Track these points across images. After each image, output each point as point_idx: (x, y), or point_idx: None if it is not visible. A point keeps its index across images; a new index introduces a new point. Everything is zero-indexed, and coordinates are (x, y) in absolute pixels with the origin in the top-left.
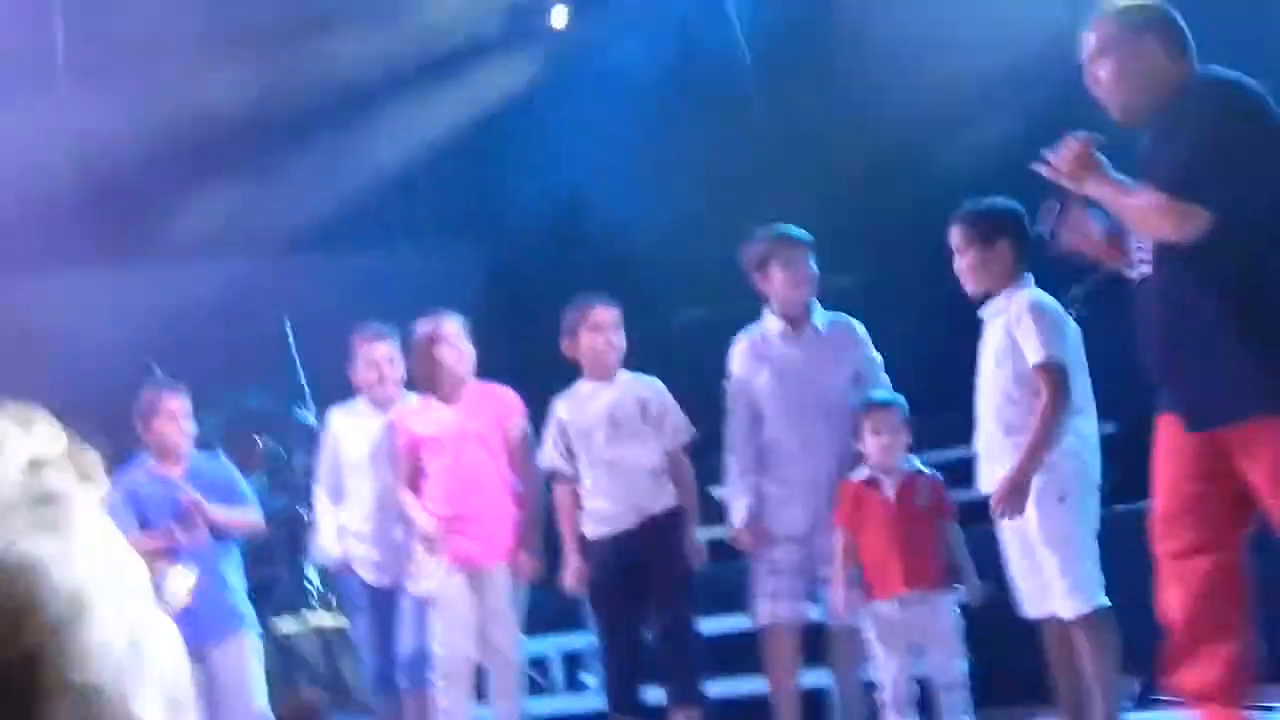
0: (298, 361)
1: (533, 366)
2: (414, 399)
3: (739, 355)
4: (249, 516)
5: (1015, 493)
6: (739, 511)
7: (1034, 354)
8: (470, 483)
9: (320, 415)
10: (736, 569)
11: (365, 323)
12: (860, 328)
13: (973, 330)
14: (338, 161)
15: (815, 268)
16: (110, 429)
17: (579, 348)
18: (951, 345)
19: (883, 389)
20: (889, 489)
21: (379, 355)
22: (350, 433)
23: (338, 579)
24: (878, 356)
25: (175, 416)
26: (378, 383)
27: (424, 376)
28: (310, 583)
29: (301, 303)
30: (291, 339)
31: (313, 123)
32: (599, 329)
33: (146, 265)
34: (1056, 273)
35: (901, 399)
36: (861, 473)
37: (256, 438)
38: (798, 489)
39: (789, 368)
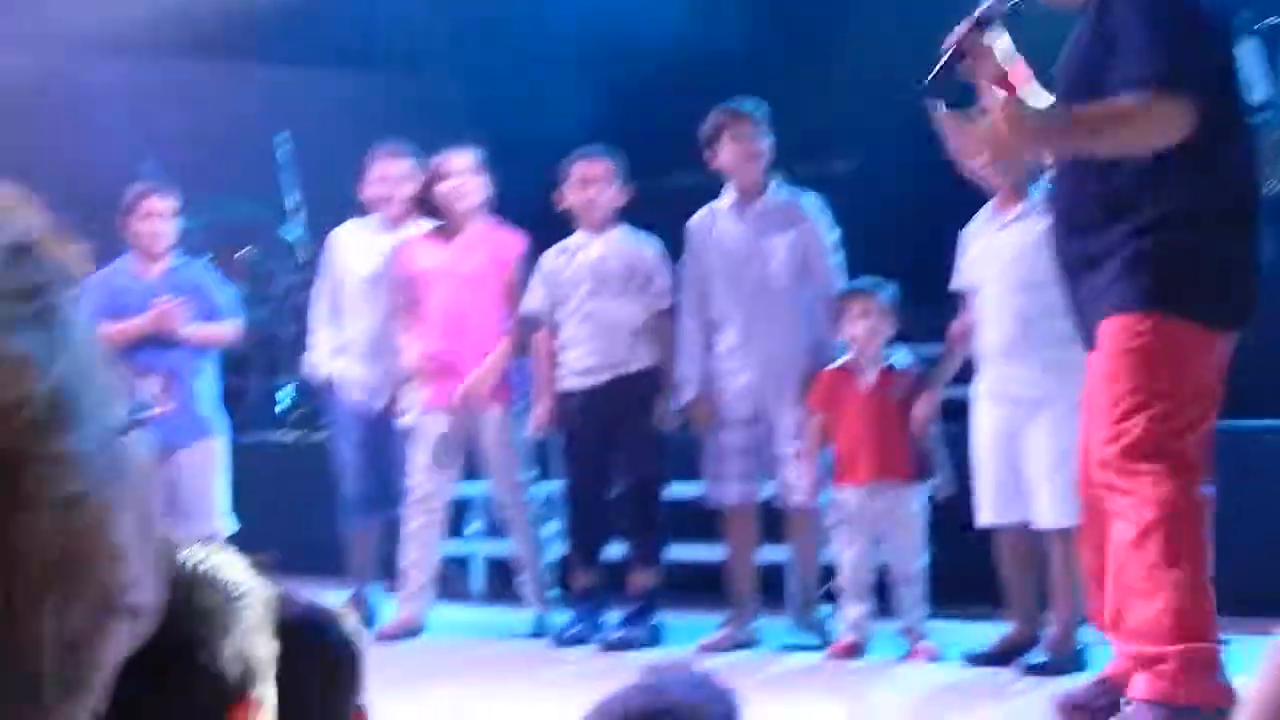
0: (291, 177)
1: (548, 209)
2: (423, 225)
3: (690, 230)
4: (223, 329)
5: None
6: (686, 388)
7: None
8: (459, 322)
9: (309, 234)
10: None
11: (383, 140)
12: (813, 204)
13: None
14: None
15: (766, 142)
16: (101, 219)
17: (570, 200)
18: (944, 239)
19: (832, 270)
20: (868, 377)
21: (393, 173)
22: (355, 250)
23: (325, 399)
24: (831, 235)
25: (157, 216)
26: (387, 201)
27: (429, 208)
28: (279, 400)
29: (303, 118)
30: (288, 153)
31: None
32: (588, 182)
33: (157, 57)
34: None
35: (889, 286)
36: (842, 358)
37: (243, 249)
38: (741, 367)
39: (733, 244)
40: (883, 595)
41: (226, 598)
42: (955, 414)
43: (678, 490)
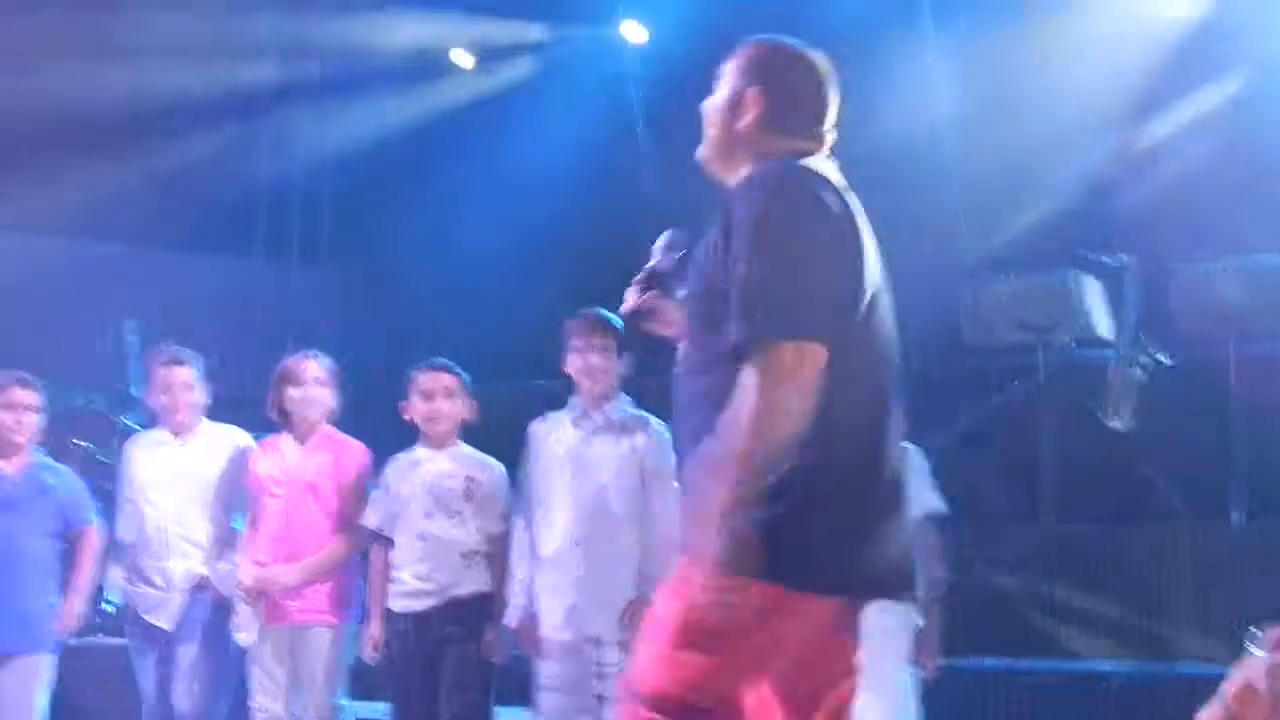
0: (134, 365)
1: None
2: (212, 427)
3: (529, 434)
4: (90, 547)
5: None
6: (513, 610)
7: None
8: (294, 534)
9: (153, 424)
10: None
11: (165, 345)
12: (658, 428)
13: None
14: (213, 159)
15: (614, 358)
16: None
17: (413, 411)
18: None
19: (670, 499)
20: None
21: (175, 380)
22: (144, 462)
23: (124, 615)
24: (670, 460)
25: (20, 409)
26: (172, 409)
27: (274, 412)
28: (109, 600)
29: (148, 301)
30: (133, 340)
31: (194, 114)
32: (429, 396)
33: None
34: None
35: None
36: None
37: (76, 441)
38: (564, 585)
39: (565, 451)
40: None
41: None
42: None
43: (510, 716)
